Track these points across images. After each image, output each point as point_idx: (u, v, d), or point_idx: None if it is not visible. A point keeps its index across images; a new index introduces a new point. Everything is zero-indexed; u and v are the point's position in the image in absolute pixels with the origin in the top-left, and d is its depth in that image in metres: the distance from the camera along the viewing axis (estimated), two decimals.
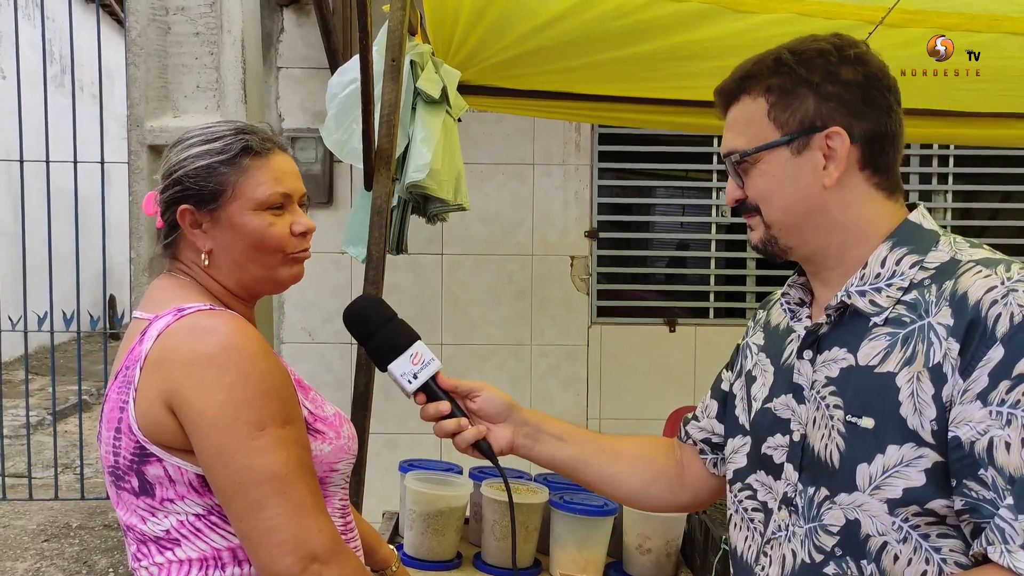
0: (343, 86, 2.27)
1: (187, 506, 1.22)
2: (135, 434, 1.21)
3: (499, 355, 4.35)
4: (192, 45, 2.53)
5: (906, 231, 1.13)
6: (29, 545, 4.59)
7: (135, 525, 1.26)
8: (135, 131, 2.50)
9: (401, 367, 1.30)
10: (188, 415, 1.18)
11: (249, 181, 1.30)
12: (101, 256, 5.01)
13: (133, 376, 1.21)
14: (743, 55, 1.23)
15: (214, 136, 1.32)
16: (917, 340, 1.05)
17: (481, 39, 2.64)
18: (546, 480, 2.44)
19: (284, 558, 1.16)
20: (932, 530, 1.03)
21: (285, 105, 4.16)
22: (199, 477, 1.21)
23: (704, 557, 2.05)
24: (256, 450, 1.17)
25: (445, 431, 1.32)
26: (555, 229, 4.35)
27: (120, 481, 1.25)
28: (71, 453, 5.83)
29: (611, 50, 2.68)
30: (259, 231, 1.30)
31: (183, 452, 1.21)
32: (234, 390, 1.17)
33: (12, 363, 7.99)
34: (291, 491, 1.17)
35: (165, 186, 1.31)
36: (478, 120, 4.15)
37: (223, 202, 1.29)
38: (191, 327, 1.21)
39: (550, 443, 1.40)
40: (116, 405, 1.24)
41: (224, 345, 1.19)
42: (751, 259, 4.51)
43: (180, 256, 1.34)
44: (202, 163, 1.29)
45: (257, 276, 1.33)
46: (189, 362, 1.18)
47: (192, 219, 1.30)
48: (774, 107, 1.14)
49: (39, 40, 4.89)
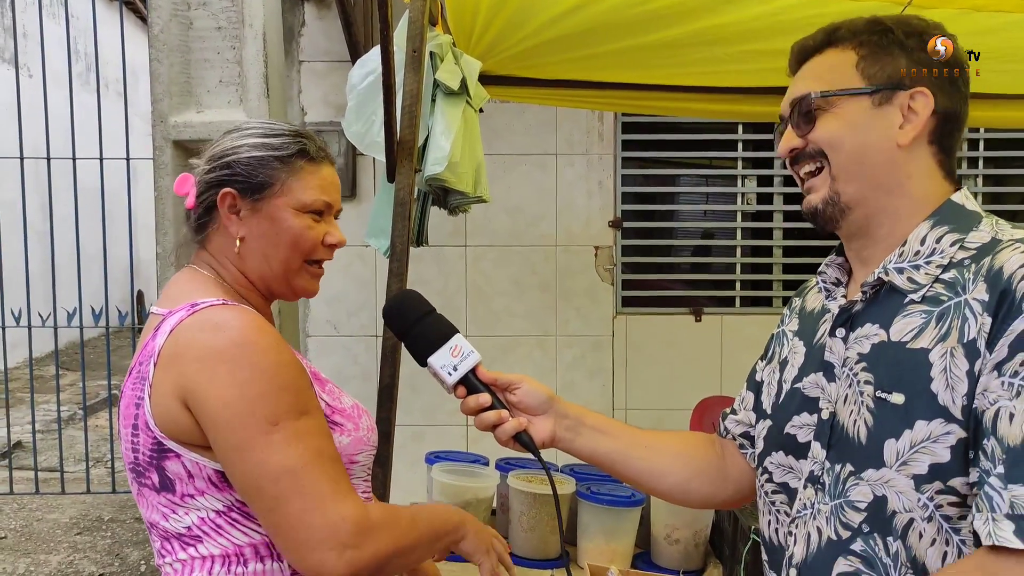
0: (363, 77, 2.26)
1: (208, 502, 1.22)
2: (152, 430, 1.21)
3: (524, 346, 4.34)
4: (214, 40, 2.53)
5: (948, 210, 1.12)
6: (62, 538, 4.65)
7: (158, 522, 1.26)
8: (159, 127, 2.51)
9: (441, 360, 1.30)
10: (203, 411, 1.17)
11: (299, 183, 1.32)
12: (128, 252, 5.05)
13: (147, 372, 1.22)
14: (768, 39, 1.22)
15: (273, 132, 1.35)
16: (953, 316, 1.04)
17: (502, 28, 2.62)
18: (573, 471, 2.43)
19: (315, 552, 1.16)
20: (953, 511, 1.03)
21: (307, 99, 4.16)
22: (218, 473, 1.21)
23: (733, 547, 2.03)
24: (271, 445, 1.16)
25: (486, 423, 1.31)
26: (579, 219, 4.33)
27: (141, 477, 1.25)
28: (102, 447, 5.90)
29: (633, 37, 2.66)
30: (296, 230, 1.32)
31: (201, 448, 1.21)
32: (247, 385, 1.17)
33: (43, 359, 8.10)
34: (309, 482, 1.17)
35: (211, 167, 1.32)
36: (500, 110, 4.13)
37: (268, 195, 1.31)
38: (203, 322, 1.21)
39: (591, 436, 1.38)
40: (131, 401, 1.24)
41: (236, 340, 1.19)
42: (777, 247, 4.46)
43: (208, 243, 1.35)
44: (257, 154, 1.32)
45: (277, 274, 1.34)
46: (201, 358, 1.18)
47: (232, 203, 1.31)
48: (864, 59, 1.14)
49: (64, 38, 4.93)
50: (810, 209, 1.18)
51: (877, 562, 1.07)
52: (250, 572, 1.24)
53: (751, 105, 3.18)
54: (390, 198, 2.17)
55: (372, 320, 4.21)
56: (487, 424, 1.31)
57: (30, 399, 4.96)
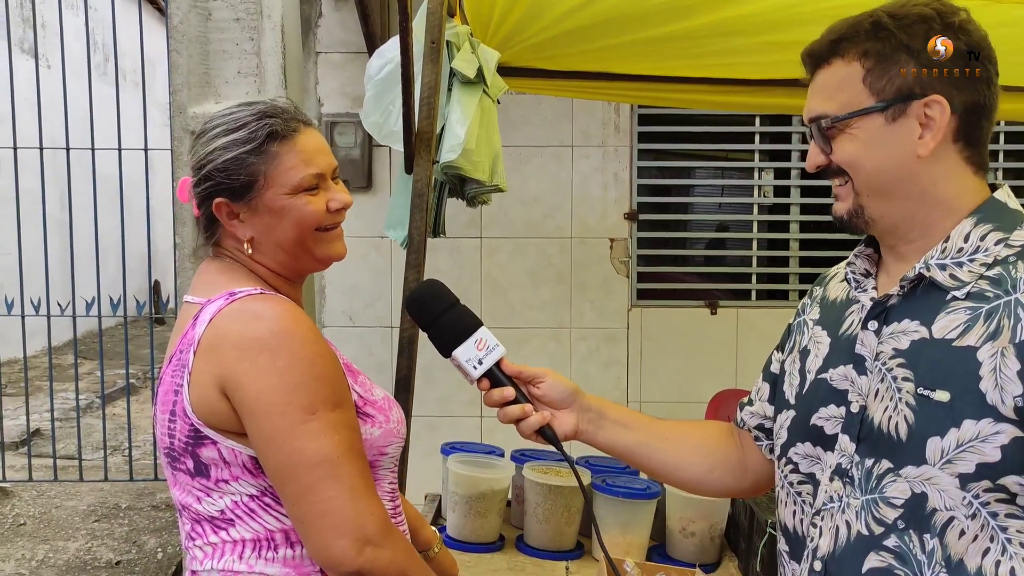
0: (380, 67, 2.26)
1: (241, 487, 1.24)
2: (189, 417, 1.22)
3: (539, 338, 4.34)
4: (232, 31, 2.53)
5: (991, 208, 1.11)
6: (80, 525, 4.70)
7: (190, 504, 1.27)
8: (178, 117, 2.52)
9: (466, 353, 1.29)
10: (241, 399, 1.19)
11: (279, 167, 1.28)
12: (146, 242, 5.08)
13: (187, 360, 1.23)
14: (786, 30, 1.21)
15: (237, 124, 1.29)
16: (1003, 315, 1.03)
17: (519, 20, 2.61)
18: (588, 463, 2.44)
19: (338, 541, 1.17)
20: (1001, 508, 1.02)
21: (324, 90, 4.17)
22: (253, 459, 1.22)
23: (749, 541, 2.03)
24: (308, 434, 1.17)
25: (510, 417, 1.30)
26: (594, 211, 4.32)
27: (175, 462, 1.27)
28: (120, 435, 5.95)
29: (651, 28, 2.64)
30: (297, 210, 1.29)
31: (237, 435, 1.22)
32: (286, 374, 1.18)
33: (61, 348, 8.17)
34: (343, 474, 1.18)
35: (196, 180, 1.31)
36: (516, 102, 4.13)
37: (257, 191, 1.28)
38: (242, 311, 1.22)
39: (613, 429, 1.38)
40: (171, 388, 1.25)
41: (275, 330, 1.20)
42: (794, 240, 4.44)
43: (223, 243, 1.35)
44: (230, 155, 1.27)
45: (298, 256, 1.33)
46: (241, 346, 1.19)
47: (229, 211, 1.30)
48: (870, 72, 1.10)
49: (82, 29, 4.95)
50: (837, 217, 1.18)
51: (911, 559, 1.06)
52: (280, 557, 1.25)
53: (768, 97, 3.16)
54: (408, 189, 2.18)
55: (388, 311, 4.22)
56: (511, 418, 1.30)
57: (49, 387, 5.01)
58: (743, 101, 3.22)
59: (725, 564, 2.20)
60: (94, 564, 4.25)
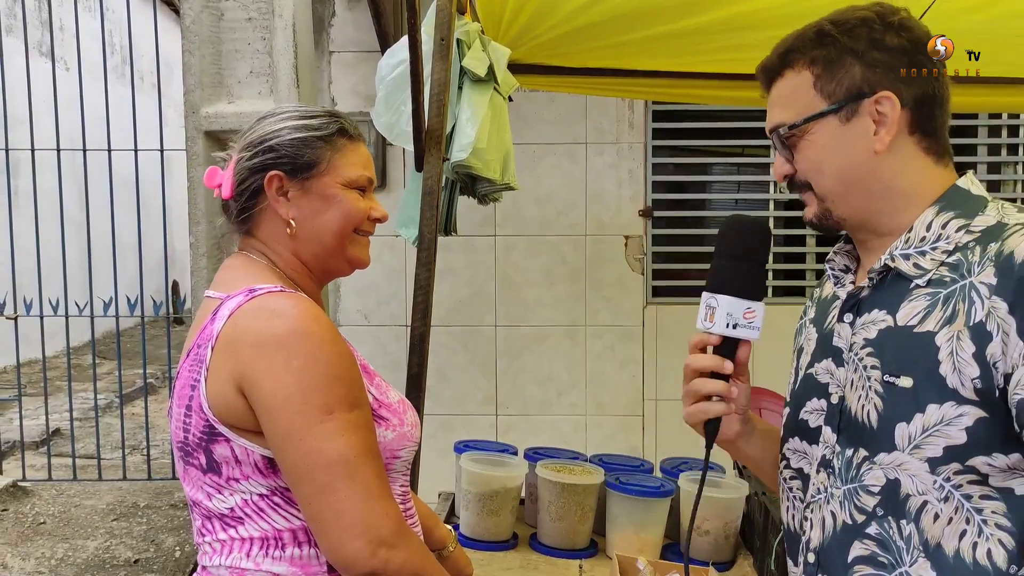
0: (391, 68, 2.26)
1: (251, 486, 1.24)
2: (205, 413, 1.22)
3: (554, 336, 4.33)
4: (245, 31, 2.54)
5: (954, 196, 1.13)
6: (99, 524, 4.74)
7: (201, 501, 1.27)
8: (191, 117, 2.53)
9: (732, 307, 1.19)
10: (258, 397, 1.19)
11: (343, 159, 1.34)
12: (163, 242, 5.12)
13: (204, 355, 1.23)
14: (800, 23, 1.21)
15: (310, 115, 1.36)
16: (958, 299, 1.05)
17: (532, 16, 2.61)
18: (602, 461, 2.43)
19: (353, 542, 1.17)
20: (974, 490, 1.03)
21: (337, 90, 4.18)
22: (265, 459, 1.22)
23: (764, 539, 2.01)
24: (325, 434, 1.17)
25: (711, 389, 1.19)
26: (609, 208, 4.30)
27: (188, 457, 1.27)
28: (138, 435, 5.99)
29: (663, 23, 2.63)
30: (348, 203, 1.34)
31: (251, 433, 1.22)
32: (303, 373, 1.18)
33: (80, 348, 8.24)
34: (359, 475, 1.18)
35: (253, 153, 1.32)
36: (529, 99, 4.12)
37: (316, 173, 1.32)
38: (260, 308, 1.22)
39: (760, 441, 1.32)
40: (187, 383, 1.25)
41: (293, 328, 1.20)
42: (811, 236, 4.40)
43: (256, 230, 1.35)
44: (299, 135, 1.32)
45: (332, 248, 1.34)
46: (258, 344, 1.19)
47: (280, 185, 1.31)
48: (819, 78, 1.14)
49: (99, 31, 4.99)
50: (807, 221, 1.22)
51: (892, 545, 1.08)
52: (287, 556, 1.25)
53: None
54: (419, 188, 2.17)
55: (402, 309, 4.22)
56: (712, 391, 1.19)
57: (68, 387, 5.05)
58: (757, 96, 3.19)
59: (740, 563, 2.19)
60: (113, 562, 4.28)
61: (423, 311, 2.13)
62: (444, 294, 4.19)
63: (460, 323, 4.31)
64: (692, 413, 1.22)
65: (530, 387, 4.35)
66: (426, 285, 2.13)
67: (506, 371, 4.34)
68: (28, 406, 6.19)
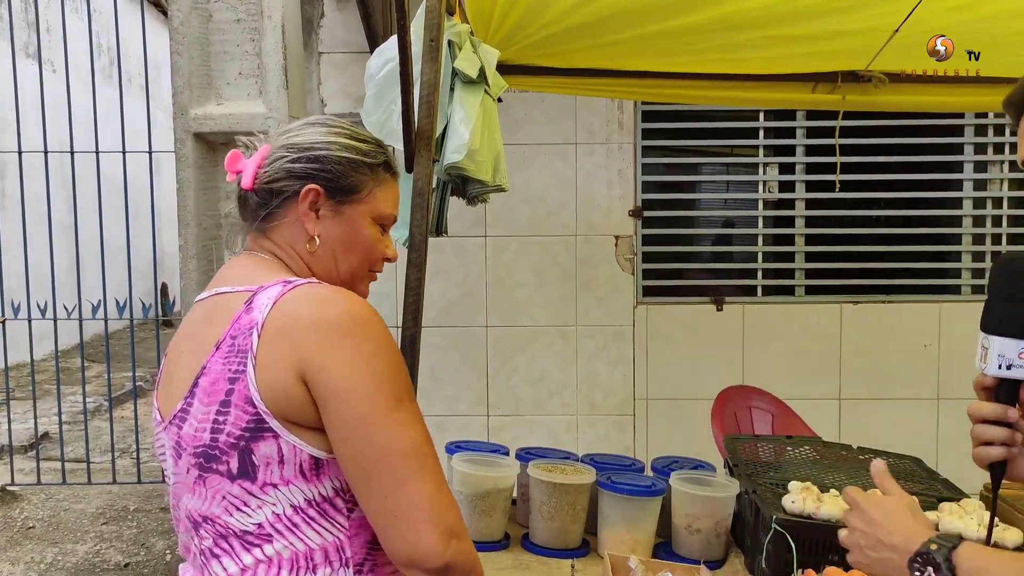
0: (380, 66, 2.26)
1: (290, 493, 1.16)
2: (255, 405, 1.13)
3: (546, 336, 4.34)
4: (233, 32, 2.53)
5: None
6: (89, 528, 4.71)
7: (217, 516, 1.18)
8: (180, 119, 2.52)
9: (1004, 348, 1.13)
10: (326, 384, 1.12)
11: (382, 193, 1.32)
12: (152, 245, 5.09)
13: (248, 344, 1.14)
14: (789, 24, 1.21)
15: (360, 138, 1.33)
16: None
17: (521, 17, 2.61)
18: (593, 460, 2.43)
19: (431, 535, 1.12)
20: None
21: (327, 90, 4.17)
22: (312, 459, 1.15)
23: (755, 537, 2.02)
24: (398, 422, 1.13)
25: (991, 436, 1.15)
26: (599, 209, 4.31)
27: (212, 462, 1.17)
28: (128, 438, 5.97)
29: (653, 23, 2.64)
30: (371, 240, 1.32)
31: (302, 428, 1.15)
32: (373, 360, 1.13)
33: (69, 351, 8.20)
34: (430, 465, 1.15)
35: (298, 157, 1.27)
36: (519, 100, 4.12)
37: (354, 200, 1.29)
38: (310, 295, 1.17)
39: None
40: (222, 376, 1.16)
41: (353, 314, 1.15)
42: (799, 235, 4.42)
43: (273, 232, 1.29)
44: (348, 155, 1.29)
45: (343, 279, 1.31)
46: (320, 329, 1.13)
47: (314, 201, 1.27)
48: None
49: (87, 33, 4.96)
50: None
51: None
52: None
53: (772, 92, 3.16)
54: (409, 188, 2.17)
55: (393, 310, 4.21)
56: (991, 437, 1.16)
57: (56, 391, 5.02)
58: (746, 96, 3.21)
59: (731, 560, 2.19)
60: (103, 566, 4.26)
61: (414, 312, 2.12)
62: (435, 295, 4.19)
63: (451, 324, 4.31)
64: (975, 456, 1.18)
65: (522, 387, 4.35)
66: (417, 286, 2.13)
67: (498, 371, 4.34)
68: (16, 410, 6.16)
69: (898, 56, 2.80)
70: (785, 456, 2.42)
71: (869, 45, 2.75)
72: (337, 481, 1.18)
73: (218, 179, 2.55)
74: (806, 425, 3.45)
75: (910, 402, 4.29)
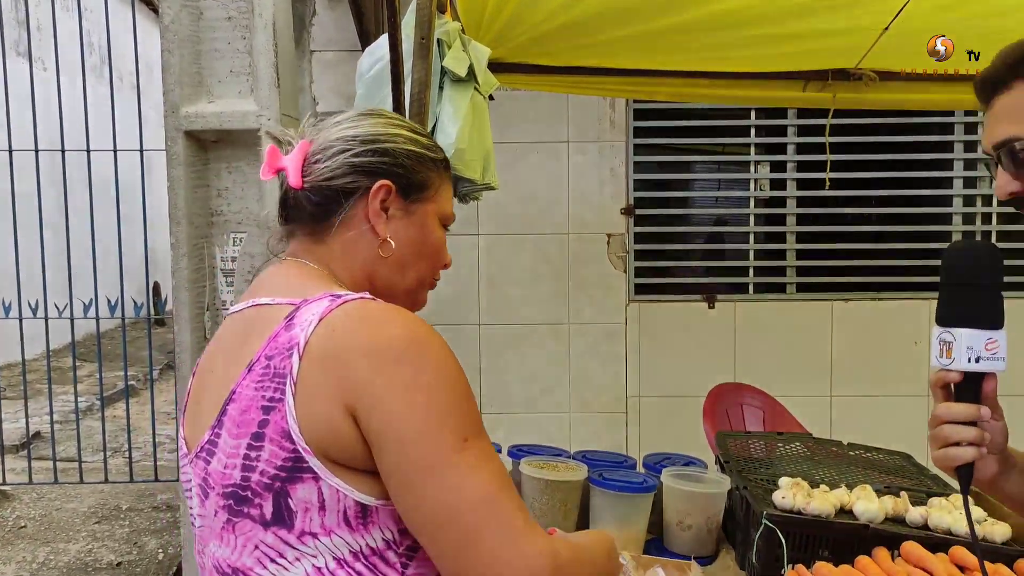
0: (371, 65, 2.26)
1: (332, 545, 0.99)
2: (294, 441, 0.97)
3: (537, 335, 4.35)
4: (224, 30, 2.53)
5: None
6: (81, 527, 4.71)
7: (249, 568, 1.02)
8: (171, 117, 2.52)
9: (973, 340, 1.08)
10: (381, 421, 0.96)
11: (446, 191, 1.20)
12: (143, 243, 5.09)
13: (287, 367, 0.98)
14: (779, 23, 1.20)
15: (421, 132, 1.21)
16: None
17: (512, 15, 2.61)
18: (584, 457, 2.44)
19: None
20: None
21: (319, 89, 4.17)
22: (359, 506, 0.99)
23: (746, 533, 2.03)
24: (465, 466, 0.96)
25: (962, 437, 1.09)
26: (591, 207, 4.32)
27: (243, 504, 1.01)
28: (119, 437, 5.95)
29: (644, 22, 2.65)
30: (441, 242, 1.20)
31: (347, 471, 0.98)
32: (435, 392, 0.97)
33: (60, 350, 8.17)
34: (504, 513, 0.96)
35: (363, 151, 1.12)
36: (511, 99, 4.13)
37: (424, 198, 1.16)
38: (363, 314, 1.00)
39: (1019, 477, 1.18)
40: (255, 404, 1.00)
41: (411, 337, 0.98)
42: (791, 233, 4.44)
43: (329, 236, 1.13)
44: (416, 148, 1.16)
45: (409, 287, 1.17)
46: (374, 355, 0.97)
47: (384, 199, 1.12)
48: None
49: (77, 31, 4.95)
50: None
51: None
52: None
53: (763, 90, 3.17)
54: None
55: None
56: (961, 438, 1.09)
57: (48, 390, 5.01)
58: (737, 94, 3.23)
59: (722, 556, 2.20)
60: (95, 565, 4.25)
61: None
62: None
63: (444, 322, 4.31)
64: (939, 458, 1.10)
65: (514, 385, 4.36)
66: None
67: (490, 369, 4.34)
68: (8, 409, 6.14)
69: (888, 54, 2.82)
70: (776, 452, 2.43)
71: (859, 43, 2.77)
72: (388, 531, 1.01)
73: (209, 177, 2.55)
74: (797, 422, 3.46)
75: (900, 399, 4.31)
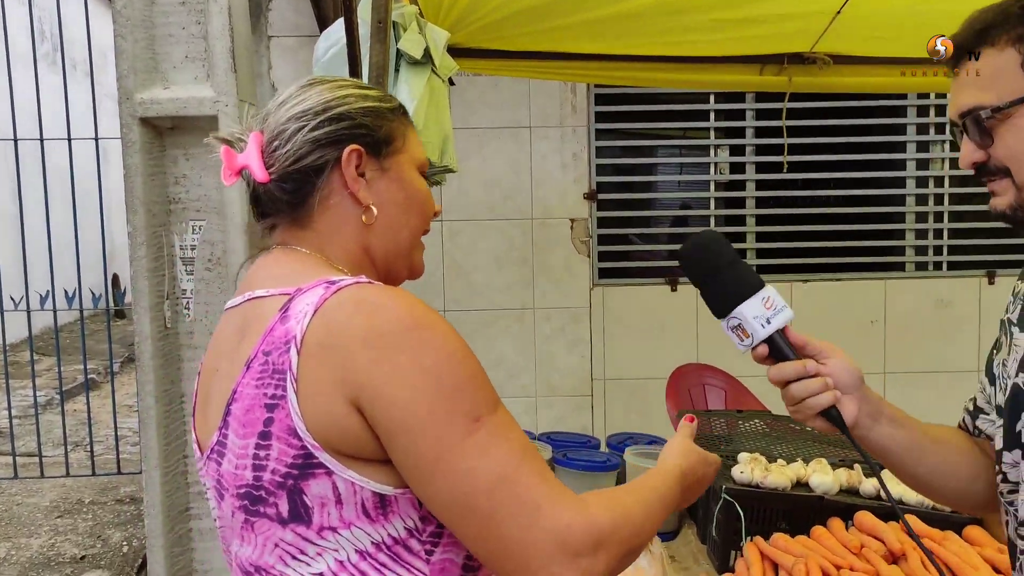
0: (326, 50, 2.25)
1: (353, 537, 0.96)
2: (301, 438, 0.94)
3: (503, 320, 4.36)
4: (179, 15, 2.49)
5: None
6: (43, 522, 4.64)
7: (271, 566, 1.00)
8: (125, 104, 2.48)
9: (752, 310, 1.12)
10: (386, 412, 0.93)
11: (412, 138, 1.14)
12: (100, 234, 5.01)
13: (287, 362, 0.95)
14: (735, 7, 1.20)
15: (366, 87, 1.16)
16: None
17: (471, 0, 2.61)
18: (550, 439, 2.46)
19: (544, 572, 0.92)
20: None
21: (278, 75, 4.13)
22: (376, 496, 0.96)
23: (706, 507, 2.07)
24: (477, 448, 0.93)
25: (808, 390, 1.11)
26: (554, 192, 4.34)
27: (259, 504, 0.98)
28: (80, 431, 5.87)
29: (603, 6, 2.66)
30: (425, 191, 1.14)
31: (360, 462, 0.95)
32: (438, 375, 0.94)
33: (17, 345, 8.03)
34: (524, 490, 0.93)
35: (318, 123, 1.06)
36: (472, 84, 4.12)
37: (393, 150, 1.10)
38: (359, 300, 0.97)
39: (889, 427, 1.19)
40: (257, 403, 0.97)
41: (408, 322, 0.95)
42: (750, 216, 4.49)
43: (311, 220, 1.08)
44: (369, 104, 1.10)
45: (404, 248, 1.13)
46: (372, 343, 0.94)
47: (357, 164, 1.07)
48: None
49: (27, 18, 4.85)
50: (999, 213, 1.10)
51: None
52: None
53: (720, 74, 3.20)
54: None
55: None
56: (809, 390, 1.11)
57: (5, 384, 4.93)
58: (695, 78, 3.25)
59: (684, 532, 2.24)
60: (58, 559, 4.20)
61: None
62: None
63: None
64: (804, 408, 1.13)
65: None
66: None
67: None
68: None
69: (842, 38, 2.86)
70: (737, 430, 2.47)
71: (813, 27, 2.80)
72: (410, 519, 0.98)
73: (166, 164, 2.52)
74: (758, 400, 3.52)
75: None
